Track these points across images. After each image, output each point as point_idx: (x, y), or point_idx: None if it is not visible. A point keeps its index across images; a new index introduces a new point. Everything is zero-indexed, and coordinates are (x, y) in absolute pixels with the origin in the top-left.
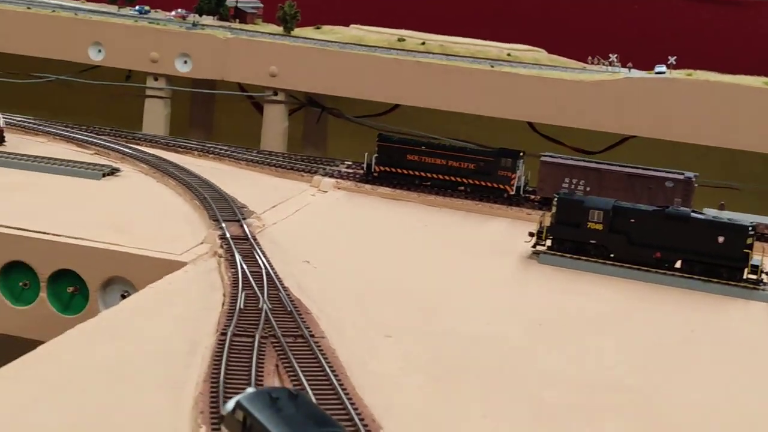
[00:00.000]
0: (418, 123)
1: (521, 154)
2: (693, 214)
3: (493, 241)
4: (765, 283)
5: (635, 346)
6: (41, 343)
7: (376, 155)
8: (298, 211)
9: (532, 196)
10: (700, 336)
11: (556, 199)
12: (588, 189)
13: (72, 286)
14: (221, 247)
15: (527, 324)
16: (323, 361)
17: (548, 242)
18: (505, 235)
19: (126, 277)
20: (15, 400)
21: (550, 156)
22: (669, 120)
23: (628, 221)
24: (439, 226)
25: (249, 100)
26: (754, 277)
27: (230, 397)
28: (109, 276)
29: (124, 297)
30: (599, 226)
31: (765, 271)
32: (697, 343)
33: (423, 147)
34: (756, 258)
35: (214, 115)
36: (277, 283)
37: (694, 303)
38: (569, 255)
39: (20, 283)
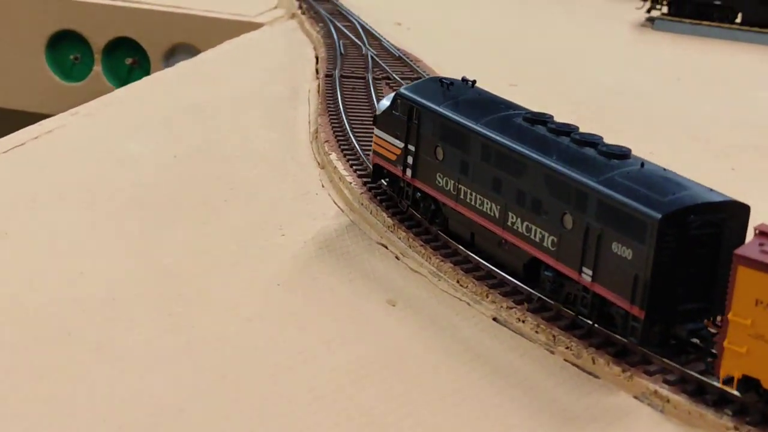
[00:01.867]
0: None
1: None
2: None
3: (595, 11)
4: None
5: None
6: None
7: None
8: None
9: None
10: None
11: None
12: None
13: (131, 58)
14: (299, 8)
15: (665, 79)
16: None
17: (665, 7)
18: (608, 6)
19: (193, 43)
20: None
21: None
22: None
23: None
24: None
25: None
26: None
27: (354, 127)
28: (174, 43)
29: None
30: None
31: None
32: None
33: None
34: None
35: None
36: (376, 34)
37: None
38: (689, 20)
39: (71, 57)
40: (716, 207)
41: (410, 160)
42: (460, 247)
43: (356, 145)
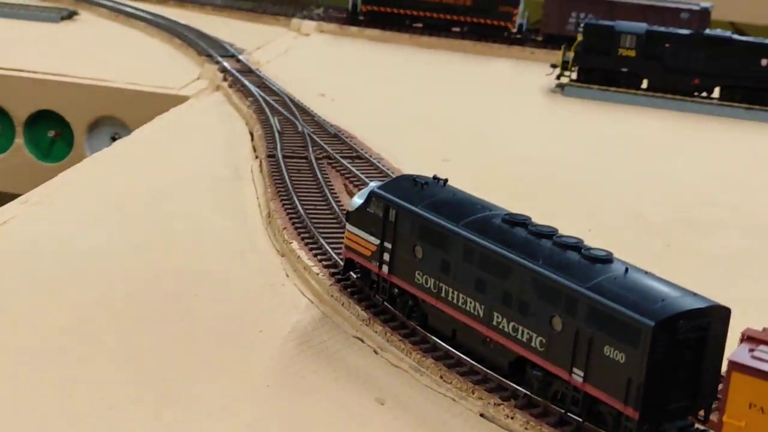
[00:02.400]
0: None
1: None
2: (734, 36)
3: (505, 80)
4: None
5: (708, 168)
6: (17, 196)
7: None
8: (287, 52)
9: (535, 35)
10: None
11: (583, 25)
12: None
13: (53, 130)
14: (224, 80)
15: (584, 148)
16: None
17: (573, 74)
18: (514, 74)
19: (117, 116)
20: (65, 222)
21: None
22: None
23: (663, 46)
24: (441, 66)
25: None
26: None
27: (309, 212)
28: (98, 115)
29: (114, 140)
30: (631, 53)
31: None
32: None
33: None
34: None
35: None
36: (307, 108)
37: (743, 131)
38: (598, 86)
39: None
40: (702, 312)
41: (387, 256)
42: (440, 341)
43: (316, 233)
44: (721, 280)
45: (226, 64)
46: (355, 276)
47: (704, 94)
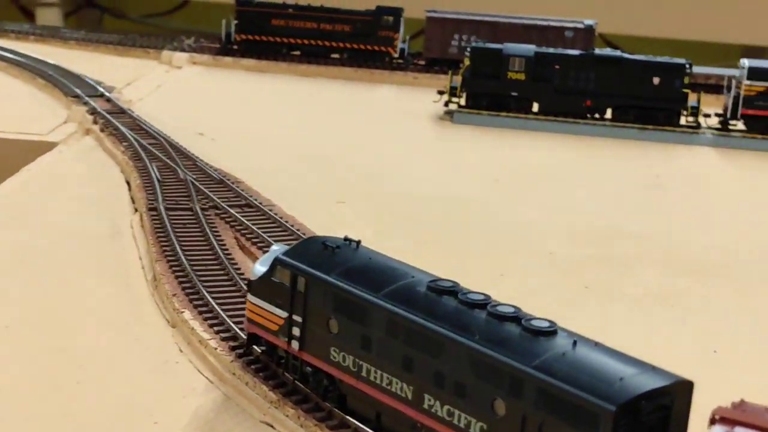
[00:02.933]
0: (211, 20)
1: (402, 11)
2: (625, 55)
3: (391, 108)
4: (703, 127)
5: (610, 194)
6: None
7: (235, 22)
8: (160, 87)
9: (417, 59)
10: (667, 181)
11: (469, 48)
12: None
13: None
14: (94, 123)
15: (482, 181)
16: (291, 228)
17: (462, 99)
18: (399, 101)
19: None
20: None
21: (436, 11)
22: None
23: (553, 68)
24: (323, 96)
25: (15, 5)
26: (692, 120)
27: (200, 274)
28: None
29: None
30: (521, 76)
31: (703, 113)
32: (668, 188)
33: (290, 9)
34: (693, 99)
35: None
36: (187, 152)
37: (638, 151)
38: (488, 112)
39: None
40: (665, 390)
41: (297, 331)
42: (361, 425)
43: (210, 299)
44: (646, 324)
45: (95, 104)
46: (259, 350)
47: (597, 115)
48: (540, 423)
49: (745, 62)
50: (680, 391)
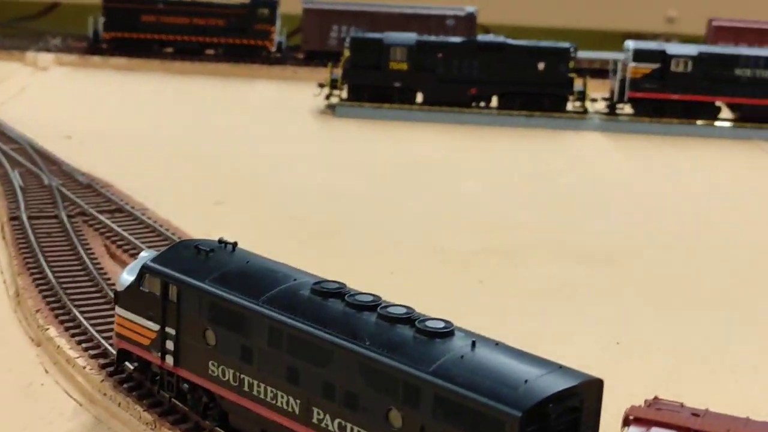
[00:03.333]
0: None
1: (278, 3)
2: (508, 41)
3: (271, 103)
4: (590, 111)
5: (499, 184)
6: None
7: (103, 19)
8: (24, 90)
9: (295, 53)
10: (556, 168)
11: (350, 39)
12: None
13: None
14: None
15: (367, 175)
16: (166, 233)
17: (343, 92)
18: (279, 96)
19: None
20: None
21: (313, 3)
22: None
23: (435, 56)
24: (199, 93)
25: None
26: (579, 105)
27: (67, 287)
28: None
29: None
30: (403, 66)
31: (590, 98)
32: (558, 175)
33: (161, 5)
34: (579, 84)
35: None
36: (52, 155)
37: (526, 139)
38: (370, 104)
39: None
40: (573, 391)
41: (171, 345)
42: None
43: (78, 314)
44: (545, 318)
45: None
46: (131, 368)
47: (482, 103)
48: None
49: (630, 44)
50: (589, 391)
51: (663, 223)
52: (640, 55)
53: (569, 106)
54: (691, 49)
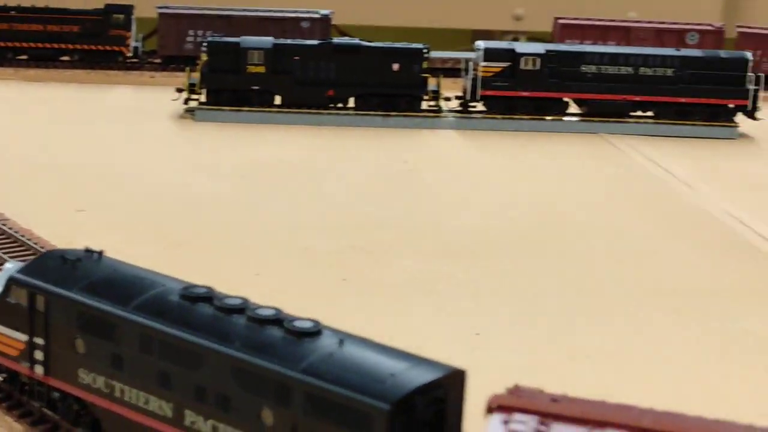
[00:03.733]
0: None
1: (133, 8)
2: (363, 43)
3: (130, 109)
4: (444, 110)
5: (359, 183)
6: None
7: None
8: None
9: (152, 57)
10: (414, 166)
11: (206, 43)
12: None
13: None
14: None
15: (229, 179)
16: (29, 242)
17: (202, 96)
18: (138, 101)
19: None
20: None
21: (169, 7)
22: None
23: (292, 59)
24: (56, 101)
25: None
26: (434, 104)
27: None
28: None
29: None
30: (261, 69)
31: (443, 97)
32: (416, 173)
33: (12, 12)
34: (433, 84)
35: None
36: None
37: (383, 138)
38: (229, 107)
39: None
40: (438, 383)
41: (40, 355)
42: None
43: None
44: (408, 313)
45: None
46: (0, 379)
47: (340, 105)
48: (311, 430)
49: (481, 44)
50: (454, 382)
51: (519, 215)
52: (490, 55)
53: (424, 105)
54: (539, 48)
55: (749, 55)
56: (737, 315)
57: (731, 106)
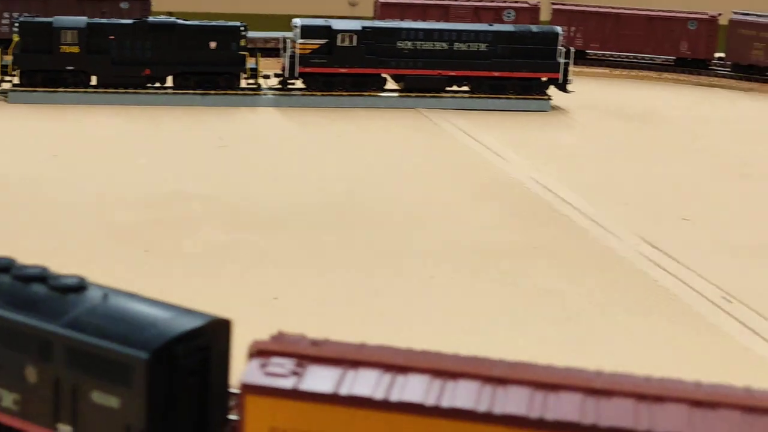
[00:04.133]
0: None
1: None
2: (179, 21)
3: None
4: (264, 88)
5: (173, 161)
6: None
7: None
8: None
9: None
10: (231, 143)
11: (18, 23)
12: None
13: None
14: None
15: (41, 159)
16: None
17: (15, 78)
18: None
19: None
20: None
21: None
22: None
23: (107, 38)
24: None
25: None
26: (252, 82)
27: None
28: None
29: None
30: (75, 49)
31: (262, 74)
32: (233, 149)
33: None
34: (251, 62)
35: None
36: None
37: (202, 117)
38: (44, 89)
39: None
40: (201, 331)
41: None
42: None
43: None
44: (207, 280)
45: None
46: None
47: (157, 84)
48: (74, 384)
49: (298, 21)
50: (218, 331)
51: (330, 187)
52: (307, 32)
53: (243, 83)
54: (355, 24)
55: (559, 29)
56: (532, 272)
57: (543, 79)
